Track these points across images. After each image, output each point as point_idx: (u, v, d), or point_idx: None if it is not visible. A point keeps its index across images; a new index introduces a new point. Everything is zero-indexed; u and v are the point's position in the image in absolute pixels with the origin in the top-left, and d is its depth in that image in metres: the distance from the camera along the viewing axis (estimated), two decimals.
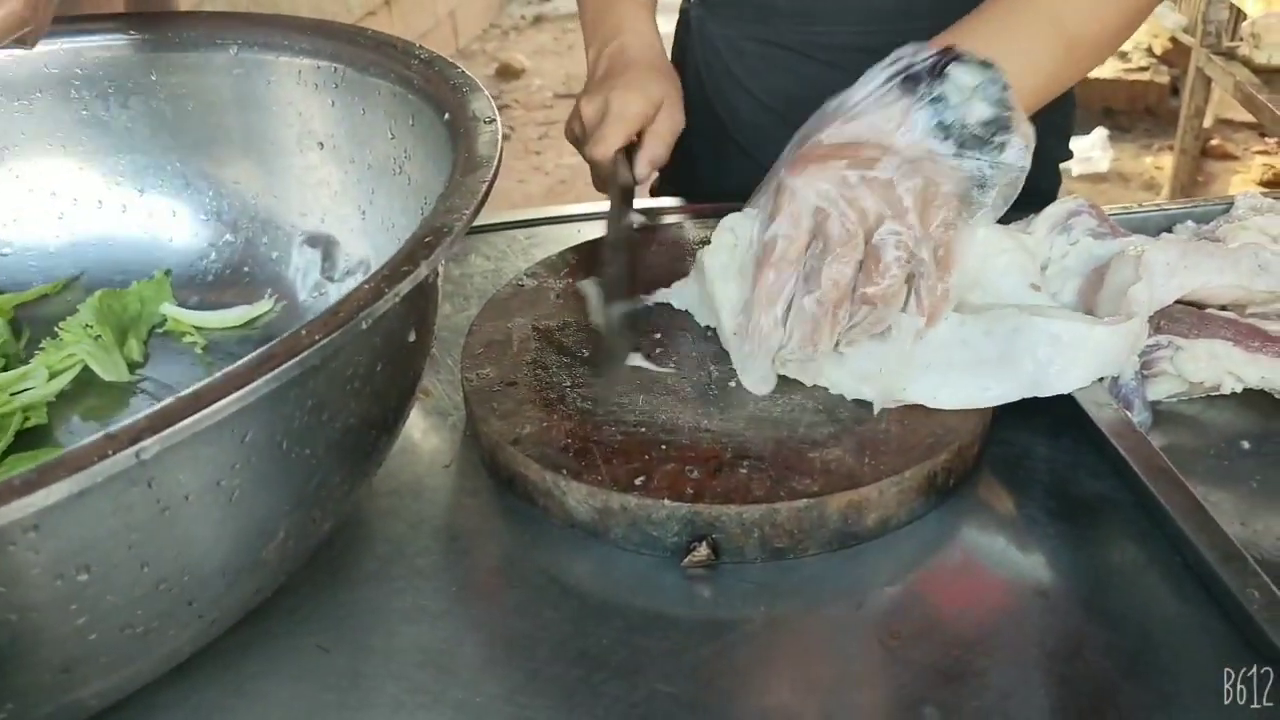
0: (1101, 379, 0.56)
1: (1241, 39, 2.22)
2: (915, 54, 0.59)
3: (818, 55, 0.85)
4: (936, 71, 0.57)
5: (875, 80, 0.60)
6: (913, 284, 0.56)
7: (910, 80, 0.58)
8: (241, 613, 0.44)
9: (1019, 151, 0.57)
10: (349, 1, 3.09)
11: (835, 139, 0.58)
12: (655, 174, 0.79)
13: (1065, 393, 0.54)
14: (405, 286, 0.38)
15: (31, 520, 0.31)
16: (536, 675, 0.45)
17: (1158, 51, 3.30)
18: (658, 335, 0.62)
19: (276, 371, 0.33)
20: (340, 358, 0.40)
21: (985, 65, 0.58)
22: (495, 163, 0.48)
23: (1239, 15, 2.30)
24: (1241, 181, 2.76)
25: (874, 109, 0.58)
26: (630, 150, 0.76)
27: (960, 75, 0.57)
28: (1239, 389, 0.58)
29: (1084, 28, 0.65)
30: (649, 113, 0.75)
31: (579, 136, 0.80)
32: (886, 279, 0.54)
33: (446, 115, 0.54)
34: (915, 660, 0.46)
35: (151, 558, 0.35)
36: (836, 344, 0.56)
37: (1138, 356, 0.57)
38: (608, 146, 0.74)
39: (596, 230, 0.77)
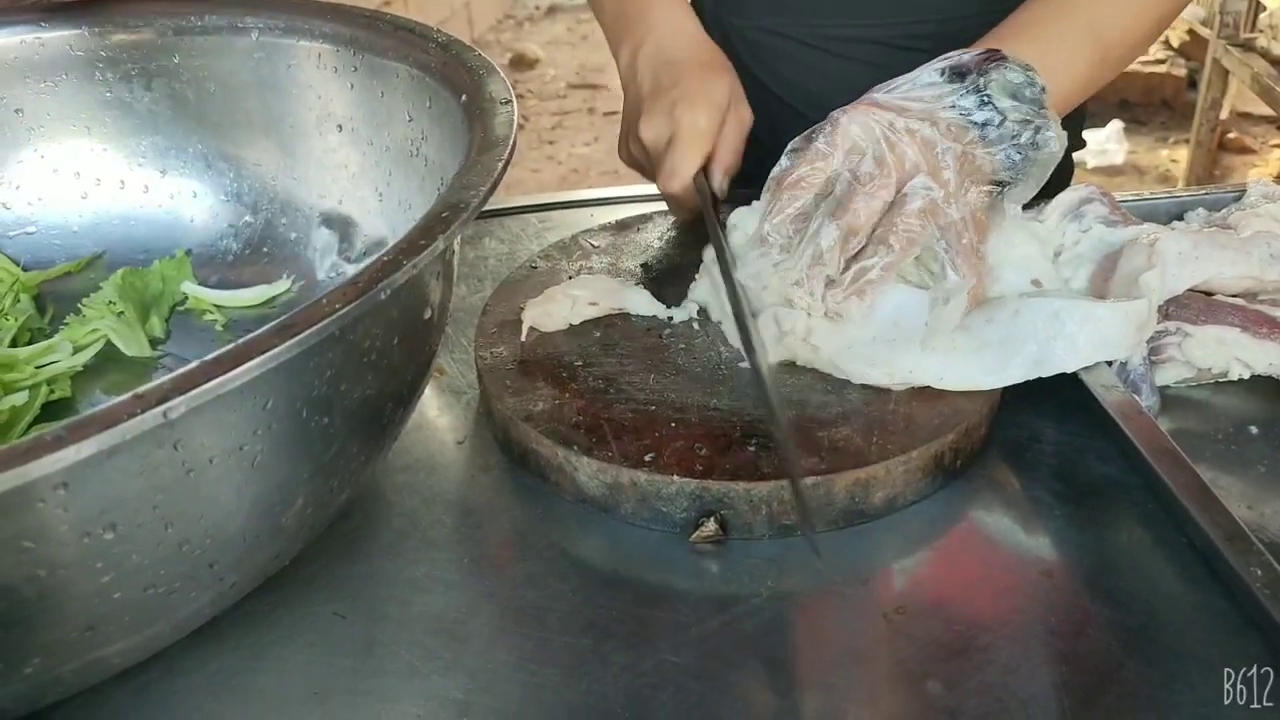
0: (1110, 363, 0.56)
1: (1260, 31, 2.20)
2: (962, 54, 0.61)
3: (828, 47, 0.86)
4: (983, 69, 0.59)
5: (923, 71, 0.61)
6: (940, 252, 0.57)
7: (958, 73, 0.60)
8: (261, 578, 0.45)
9: (1051, 142, 0.59)
10: None
11: (887, 100, 0.60)
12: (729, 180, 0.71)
13: (1070, 371, 0.55)
14: (423, 259, 0.39)
15: (61, 477, 0.32)
16: (547, 644, 0.46)
17: (1175, 44, 3.28)
18: (669, 318, 0.63)
19: (298, 338, 0.34)
20: (359, 329, 0.41)
21: (1026, 69, 0.60)
22: (511, 142, 0.49)
23: (1258, 7, 2.29)
24: (1259, 176, 2.74)
25: (923, 88, 0.60)
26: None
27: (1003, 75, 0.59)
28: (1247, 375, 0.59)
29: (1119, 36, 0.68)
30: (719, 123, 0.67)
31: (639, 161, 0.74)
32: (903, 225, 0.56)
33: (463, 97, 0.54)
34: (920, 636, 0.46)
35: (176, 518, 0.36)
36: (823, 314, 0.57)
37: (1146, 342, 0.57)
38: (684, 174, 0.66)
39: (608, 215, 0.78)
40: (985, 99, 0.59)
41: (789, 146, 0.61)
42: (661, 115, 0.67)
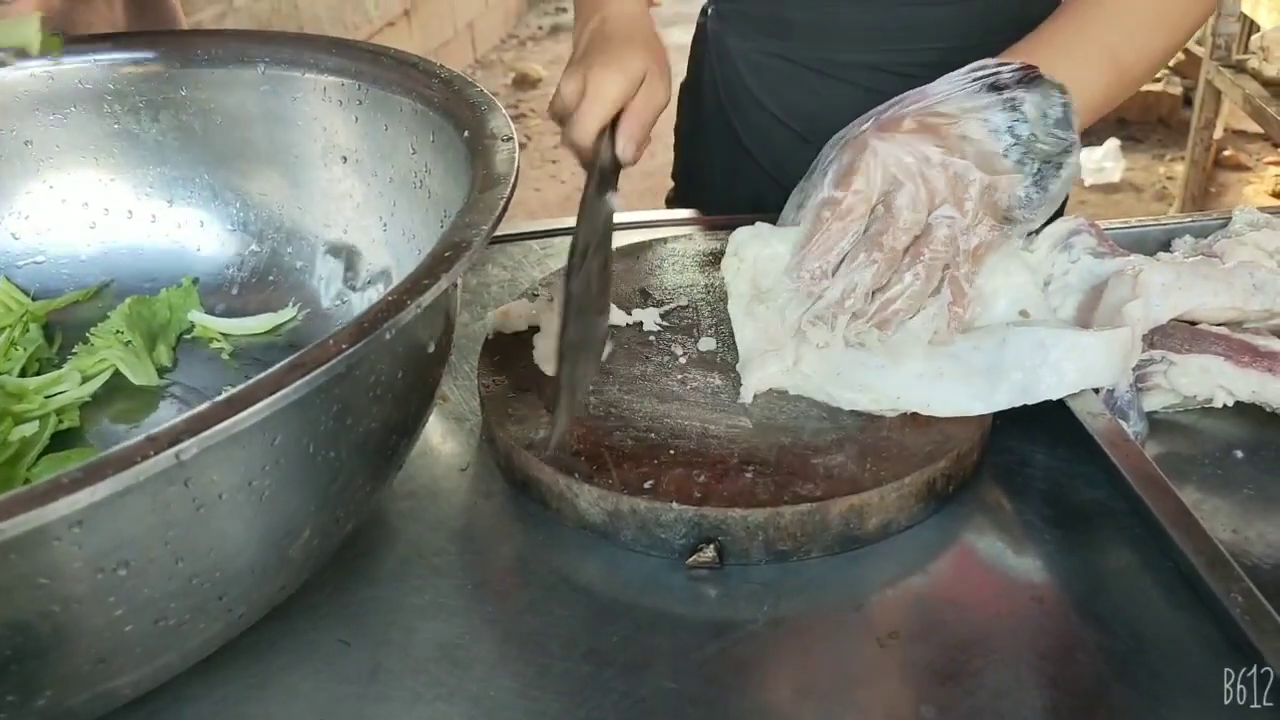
0: (1097, 391, 0.57)
1: (1251, 53, 2.23)
2: (998, 65, 0.62)
3: (832, 72, 0.87)
4: (1021, 83, 0.60)
5: (958, 78, 0.62)
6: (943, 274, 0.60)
7: (994, 87, 0.61)
8: (268, 608, 0.46)
9: (1068, 174, 0.61)
10: (369, 12, 3.13)
11: (920, 112, 0.61)
12: (639, 152, 0.73)
13: (1055, 399, 0.56)
14: (427, 298, 0.40)
15: (76, 516, 0.33)
16: (548, 670, 0.47)
17: (1170, 63, 3.30)
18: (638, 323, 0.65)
19: (306, 378, 0.35)
20: (364, 366, 0.42)
21: (1061, 89, 0.61)
22: (512, 179, 0.50)
23: (1251, 28, 2.31)
24: (1254, 192, 2.76)
25: (959, 97, 0.61)
26: (614, 129, 0.71)
27: (1039, 93, 0.60)
28: (1230, 402, 0.60)
29: (1134, 61, 0.69)
30: (629, 91, 0.71)
31: (561, 116, 0.78)
32: (930, 254, 0.58)
33: (465, 132, 0.56)
34: (913, 660, 0.47)
35: (186, 553, 0.37)
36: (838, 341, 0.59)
37: (1132, 370, 0.59)
38: (585, 129, 0.70)
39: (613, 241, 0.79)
40: (1019, 118, 0.60)
41: (825, 167, 0.62)
42: (578, 75, 0.72)
